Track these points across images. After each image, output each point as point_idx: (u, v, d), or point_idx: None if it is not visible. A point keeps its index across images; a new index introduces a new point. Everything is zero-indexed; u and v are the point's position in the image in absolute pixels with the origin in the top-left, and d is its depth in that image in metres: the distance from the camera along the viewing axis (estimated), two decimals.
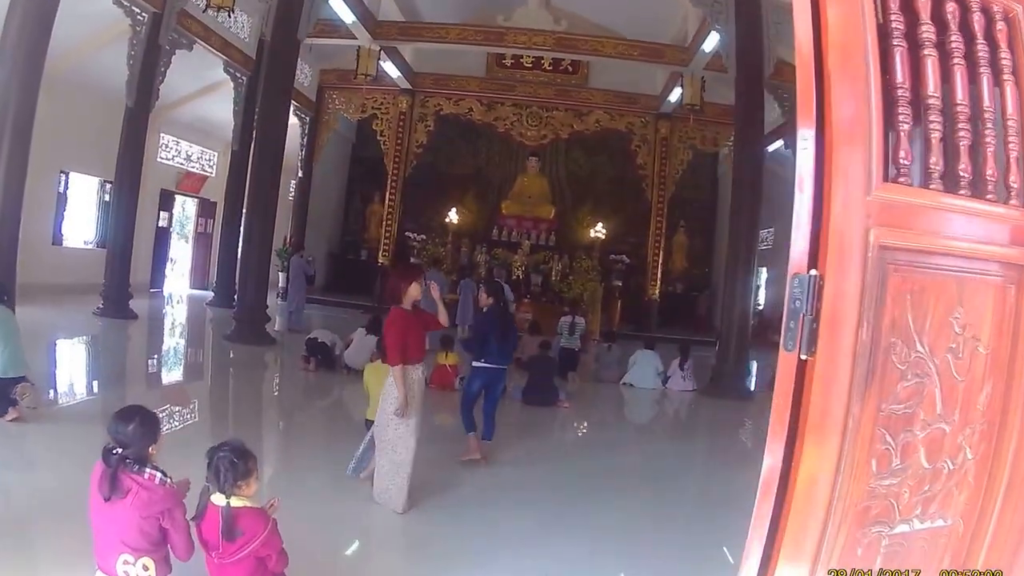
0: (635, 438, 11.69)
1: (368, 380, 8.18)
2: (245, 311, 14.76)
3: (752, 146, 15.02)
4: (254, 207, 15.12)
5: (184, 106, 20.71)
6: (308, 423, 10.05)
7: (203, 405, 9.97)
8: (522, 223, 25.96)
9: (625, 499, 7.45)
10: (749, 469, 3.00)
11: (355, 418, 8.97)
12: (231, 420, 9.32)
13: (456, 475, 7.42)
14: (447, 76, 24.64)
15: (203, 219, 24.10)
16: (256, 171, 15.08)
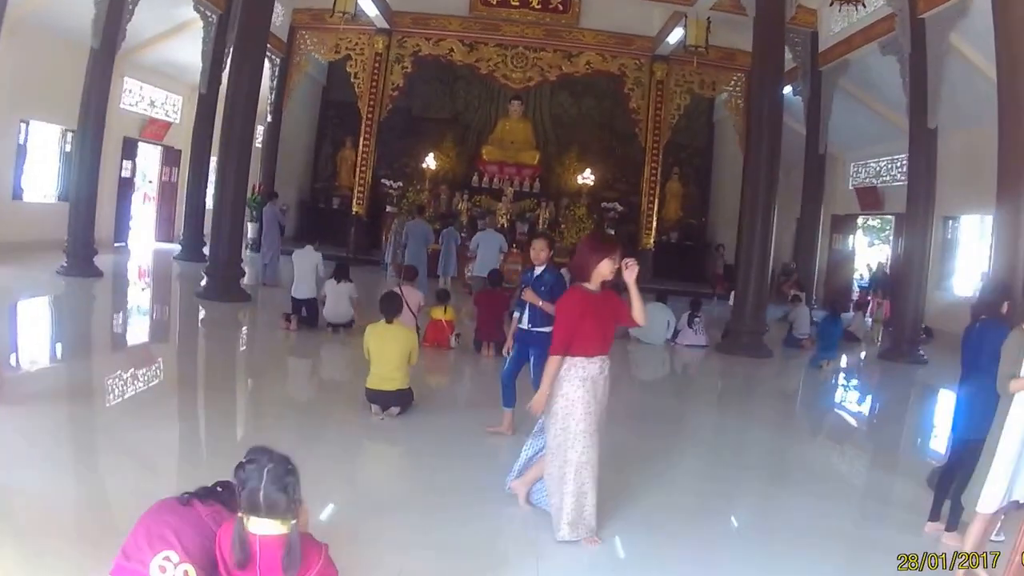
0: (679, 406, 10.72)
1: (369, 342, 7.53)
2: (218, 266, 13.88)
3: (771, 90, 14.44)
4: (227, 153, 14.07)
5: (149, 48, 19.48)
6: (300, 394, 9.10)
7: (178, 373, 9.13)
8: (504, 169, 25.17)
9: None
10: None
11: (355, 388, 8.15)
12: (210, 391, 8.40)
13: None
14: (427, 15, 23.45)
15: (167, 168, 22.89)
16: (229, 115, 14.03)
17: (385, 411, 7.46)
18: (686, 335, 14.33)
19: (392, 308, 7.69)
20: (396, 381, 7.46)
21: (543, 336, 7.05)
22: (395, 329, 7.61)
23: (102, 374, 8.30)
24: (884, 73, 17.86)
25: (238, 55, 14.15)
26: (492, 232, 15.34)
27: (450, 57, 24.00)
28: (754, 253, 14.15)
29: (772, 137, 14.16)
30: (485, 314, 11.46)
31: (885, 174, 22.39)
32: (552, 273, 7.19)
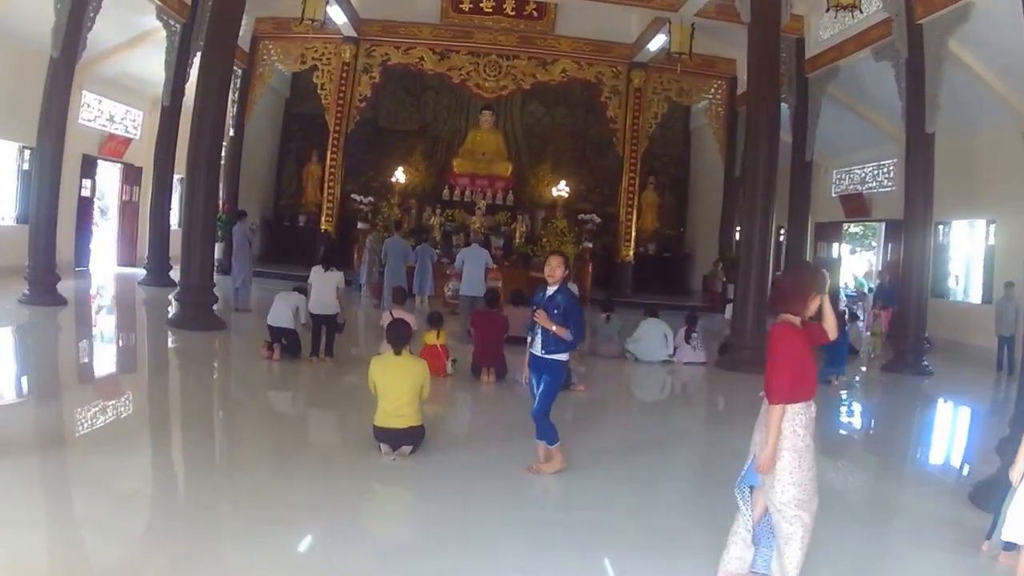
0: (696, 428, 10.45)
1: (376, 376, 6.97)
2: (189, 292, 13.15)
3: (768, 98, 14.12)
4: (195, 169, 13.30)
5: (108, 60, 18.73)
6: (298, 436, 8.19)
7: (155, 415, 8.29)
8: (476, 181, 24.59)
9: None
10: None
11: (358, 425, 7.59)
12: (193, 435, 7.51)
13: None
14: (396, 23, 22.93)
15: (127, 187, 22.04)
16: (197, 127, 13.29)
17: (396, 451, 6.88)
18: (684, 352, 13.87)
19: (402, 338, 7.12)
20: (408, 417, 6.89)
21: (557, 365, 6.73)
22: (405, 361, 7.06)
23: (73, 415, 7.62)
24: (875, 79, 17.79)
25: (206, 64, 13.44)
26: (477, 248, 14.72)
27: (420, 66, 23.49)
28: (753, 265, 13.80)
29: (770, 145, 13.87)
30: (483, 337, 10.91)
31: (871, 180, 22.25)
32: (566, 294, 6.70)
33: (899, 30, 14.81)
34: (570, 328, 6.56)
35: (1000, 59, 14.94)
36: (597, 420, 9.59)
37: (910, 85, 14.74)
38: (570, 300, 6.67)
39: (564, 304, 6.59)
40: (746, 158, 14.37)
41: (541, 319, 6.54)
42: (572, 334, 6.58)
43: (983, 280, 17.77)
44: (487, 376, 10.71)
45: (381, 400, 6.91)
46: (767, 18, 13.97)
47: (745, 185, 14.27)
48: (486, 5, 23.00)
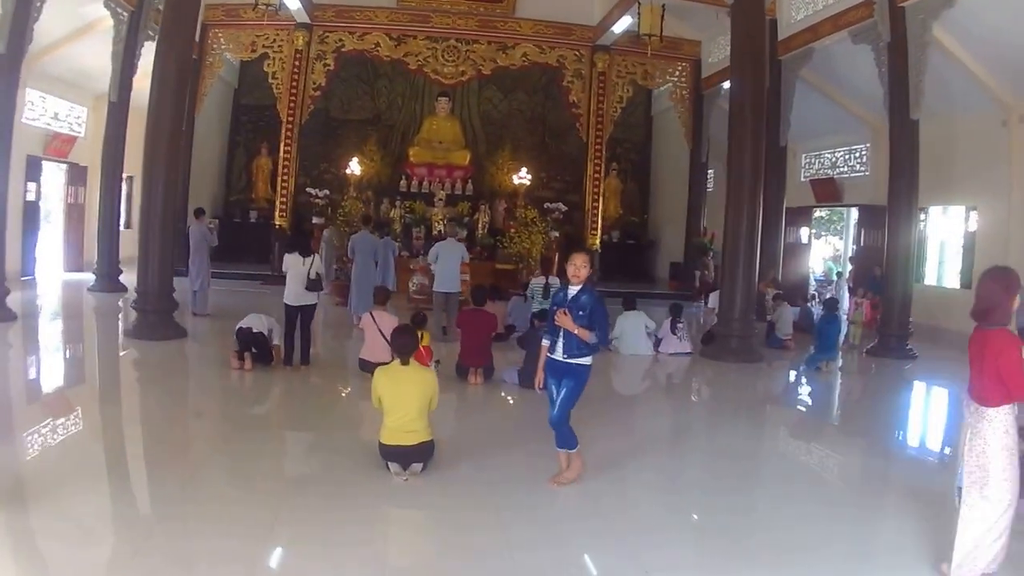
0: (703, 422, 10.10)
1: (382, 389, 6.48)
2: (148, 298, 12.32)
3: (754, 81, 13.82)
4: (152, 166, 12.49)
5: (51, 53, 17.69)
6: (292, 457, 7.47)
7: (127, 440, 7.56)
8: (434, 171, 24.02)
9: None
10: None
11: (356, 443, 7.25)
12: (172, 460, 6.81)
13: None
14: (351, 7, 22.15)
15: (73, 188, 21.01)
16: (155, 119, 12.46)
17: (407, 470, 6.42)
18: (670, 342, 13.67)
19: (408, 346, 6.62)
20: (418, 433, 6.43)
21: (581, 369, 6.34)
22: (413, 371, 6.58)
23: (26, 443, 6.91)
24: (849, 62, 17.66)
25: (162, 53, 12.59)
26: (453, 242, 14.14)
27: (376, 52, 22.73)
28: (740, 252, 13.61)
29: (756, 128, 13.66)
30: (470, 337, 10.44)
31: (842, 165, 22.14)
32: (591, 294, 6.31)
33: (881, 12, 14.68)
34: (595, 330, 6.21)
35: (982, 44, 14.84)
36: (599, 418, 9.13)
37: (893, 70, 14.61)
38: (596, 301, 6.29)
39: (590, 305, 6.23)
40: (731, 143, 13.96)
41: (565, 322, 6.16)
42: (597, 336, 6.25)
43: (962, 266, 17.77)
44: (475, 377, 10.31)
45: (388, 415, 6.43)
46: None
47: (730, 171, 13.95)
48: None
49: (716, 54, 22.74)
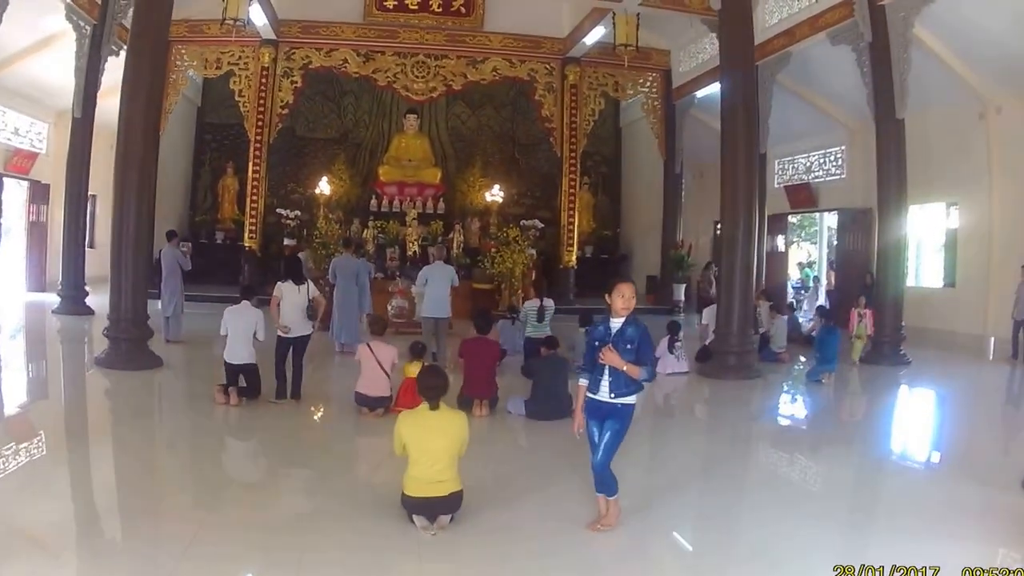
0: (723, 447, 9.32)
1: (407, 436, 5.72)
2: (121, 325, 11.40)
3: (745, 84, 13.47)
4: (125, 183, 11.53)
5: (10, 67, 16.85)
6: (296, 508, 6.30)
7: (101, 485, 6.68)
8: (404, 190, 23.25)
9: None
10: None
11: (367, 489, 6.57)
12: (159, 513, 5.94)
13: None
14: (317, 23, 21.28)
15: (34, 206, 20.02)
16: (126, 134, 11.53)
17: (435, 523, 5.66)
18: (667, 362, 12.93)
19: (439, 388, 5.86)
20: (448, 483, 5.68)
21: (627, 409, 5.65)
22: (444, 417, 5.81)
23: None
24: (824, 65, 17.42)
25: (133, 63, 11.70)
26: (442, 265, 13.23)
27: (344, 69, 21.88)
28: (737, 265, 13.02)
29: (749, 134, 13.27)
30: (474, 366, 9.62)
31: (817, 169, 21.86)
32: (638, 327, 5.59)
33: (861, 12, 14.46)
34: (645, 365, 5.53)
35: (958, 37, 14.72)
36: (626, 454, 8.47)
37: (876, 70, 14.41)
38: (644, 334, 5.58)
39: (638, 339, 5.52)
40: (724, 151, 13.41)
41: (612, 359, 5.45)
42: (646, 372, 5.55)
43: (944, 264, 17.63)
44: (480, 409, 9.47)
45: (414, 466, 5.67)
46: (739, 3, 13.35)
47: (724, 180, 13.35)
48: (411, 2, 21.55)
49: (687, 63, 22.33)
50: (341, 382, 11.76)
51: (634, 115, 26.05)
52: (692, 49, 21.99)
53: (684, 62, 22.43)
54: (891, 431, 10.40)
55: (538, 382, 9.52)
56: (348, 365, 12.88)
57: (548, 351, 10.02)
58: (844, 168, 20.99)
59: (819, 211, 23.08)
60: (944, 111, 16.30)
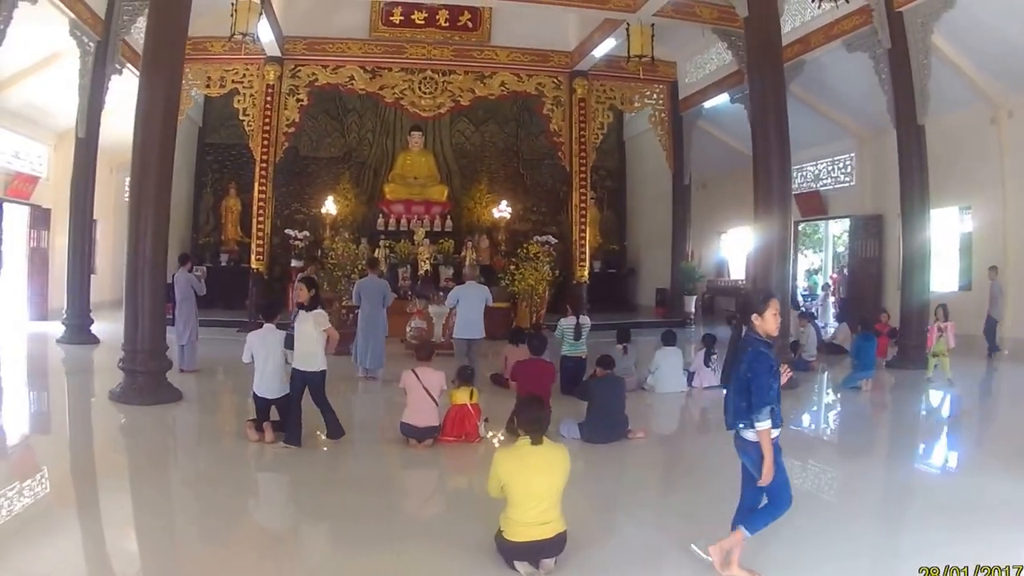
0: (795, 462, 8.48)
1: (507, 475, 5.00)
2: (138, 357, 10.37)
3: (775, 89, 12.75)
4: (140, 205, 10.65)
5: (10, 87, 15.95)
6: (385, 561, 5.32)
7: (149, 548, 5.56)
8: (412, 208, 22.60)
9: None
10: None
11: (465, 536, 5.60)
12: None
13: None
14: (322, 40, 20.44)
15: (35, 231, 19.07)
16: (141, 152, 10.65)
17: (539, 568, 4.94)
18: (704, 376, 12.30)
19: (543, 421, 5.16)
20: (553, 524, 4.97)
21: (754, 448, 4.86)
22: (547, 452, 5.12)
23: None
24: (837, 72, 17.10)
25: (148, 80, 10.86)
26: (474, 285, 12.40)
27: (351, 86, 21.05)
28: (772, 270, 12.38)
29: (781, 141, 12.53)
30: (529, 389, 8.79)
31: (826, 176, 21.37)
32: (758, 346, 4.85)
33: (880, 19, 14.16)
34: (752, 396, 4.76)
35: (970, 42, 14.54)
36: (696, 477, 7.67)
37: (896, 76, 14.17)
38: (756, 356, 4.81)
39: (751, 360, 4.80)
40: (756, 159, 12.85)
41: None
42: (753, 400, 4.75)
43: (960, 267, 17.33)
44: None
45: (516, 507, 4.94)
46: (765, 10, 12.73)
47: (758, 189, 12.70)
48: (418, 17, 20.80)
49: (693, 75, 21.74)
50: (369, 409, 11.23)
51: (637, 128, 25.55)
52: (699, 60, 21.44)
53: (691, 73, 21.86)
54: (949, 434, 10.02)
55: (593, 404, 8.74)
56: (372, 391, 12.19)
57: (604, 372, 9.20)
58: (853, 175, 20.67)
59: (829, 218, 22.59)
60: (956, 116, 15.95)
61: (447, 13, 20.85)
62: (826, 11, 15.49)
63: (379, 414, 10.75)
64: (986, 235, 16.49)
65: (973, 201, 16.81)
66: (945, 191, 16.01)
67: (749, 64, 13.46)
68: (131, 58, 16.78)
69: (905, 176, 14.37)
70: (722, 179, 24.26)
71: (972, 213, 17.03)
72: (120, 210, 22.97)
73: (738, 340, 4.94)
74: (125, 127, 17.84)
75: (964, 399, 11.91)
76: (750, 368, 4.74)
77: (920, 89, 13.97)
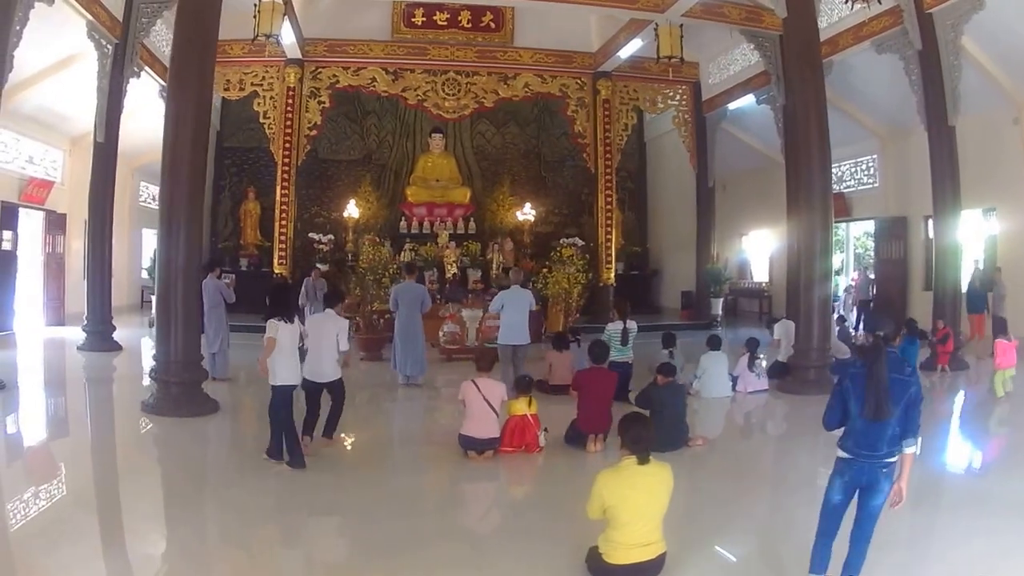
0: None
1: (612, 497, 4.55)
2: (171, 367, 9.77)
3: (816, 89, 12.32)
4: (172, 205, 10.05)
5: (25, 90, 15.34)
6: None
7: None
8: (434, 211, 22.10)
9: None
10: None
11: (555, 556, 5.11)
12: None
13: None
14: (343, 41, 19.99)
15: (50, 236, 18.56)
16: (174, 159, 10.04)
17: None
18: (748, 380, 11.84)
19: (649, 439, 4.72)
20: (656, 544, 4.64)
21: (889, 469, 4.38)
22: (654, 471, 4.67)
23: None
24: (863, 74, 16.83)
25: (178, 77, 10.28)
26: (519, 289, 11.74)
27: (373, 87, 20.58)
28: (815, 272, 11.95)
29: (821, 141, 12.13)
30: (593, 399, 8.32)
31: (849, 178, 20.88)
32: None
33: (910, 20, 13.94)
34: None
35: (995, 43, 14.36)
36: (772, 489, 7.14)
37: (927, 77, 13.98)
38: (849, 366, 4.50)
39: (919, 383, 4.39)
40: (796, 159, 12.79)
41: None
42: (919, 422, 4.33)
43: (985, 268, 16.86)
44: (596, 444, 8.18)
45: (620, 529, 4.54)
46: (804, 9, 12.40)
47: (798, 189, 12.51)
48: (440, 18, 20.38)
49: (716, 75, 21.25)
50: (414, 418, 10.87)
51: (658, 129, 25.20)
52: (722, 61, 20.97)
53: (714, 74, 21.35)
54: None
55: (656, 411, 8.16)
56: (415, 399, 11.66)
57: (665, 379, 8.64)
58: (876, 177, 20.20)
59: (853, 220, 22.09)
60: (978, 117, 15.51)
61: (469, 14, 20.46)
62: (857, 11, 15.01)
63: (429, 423, 10.42)
64: (1012, 236, 16.26)
65: (997, 203, 16.54)
66: (969, 193, 15.54)
67: (788, 64, 13.39)
68: (149, 61, 16.39)
69: (937, 177, 14.12)
70: (743, 180, 23.75)
71: (997, 215, 16.79)
72: (137, 214, 22.50)
73: (882, 360, 4.33)
74: (142, 131, 17.57)
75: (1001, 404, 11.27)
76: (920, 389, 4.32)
77: (951, 90, 13.76)
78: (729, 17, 17.17)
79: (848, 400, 4.37)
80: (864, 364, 4.33)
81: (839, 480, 4.42)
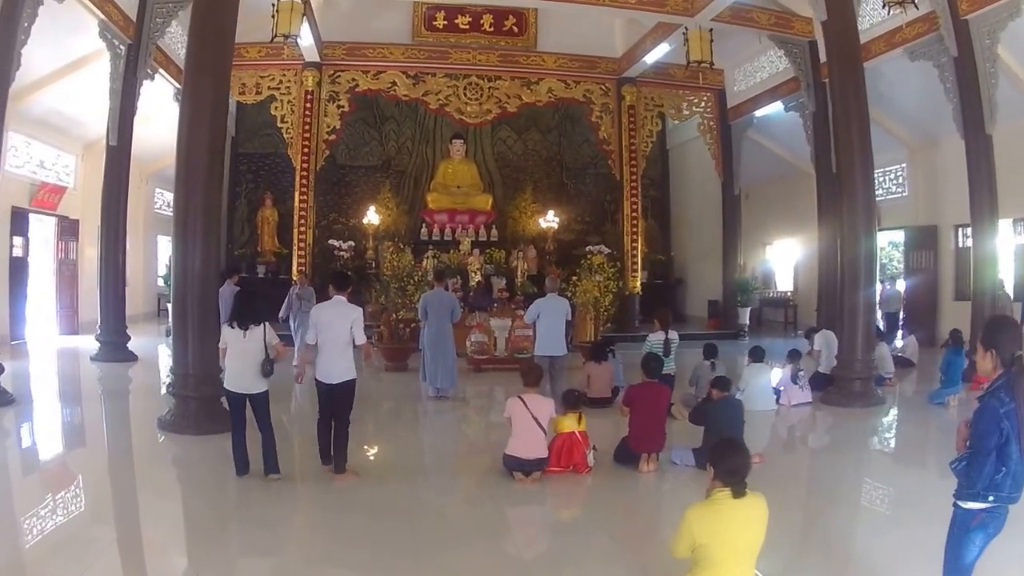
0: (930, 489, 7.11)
1: (704, 534, 3.88)
2: (190, 383, 9.11)
3: (857, 93, 11.85)
4: (187, 211, 9.40)
5: (36, 93, 14.76)
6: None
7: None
8: (455, 217, 21.65)
9: None
10: None
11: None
12: None
13: None
14: (363, 44, 19.38)
15: (63, 243, 17.97)
16: (189, 161, 9.45)
17: None
18: (792, 393, 11.29)
19: (746, 468, 4.04)
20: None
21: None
22: (751, 504, 3.99)
23: None
24: (893, 81, 16.26)
25: (194, 74, 9.72)
26: (555, 297, 11.02)
27: (393, 92, 19.93)
28: (859, 281, 11.54)
29: (863, 147, 11.66)
30: (646, 416, 7.61)
31: (878, 188, 20.04)
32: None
33: (946, 27, 13.52)
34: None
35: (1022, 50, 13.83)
36: (854, 512, 6.49)
37: (962, 85, 13.58)
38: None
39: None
40: (840, 164, 12.11)
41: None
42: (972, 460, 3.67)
43: (1015, 279, 16.37)
44: (648, 464, 7.50)
45: (713, 569, 3.88)
46: (844, 11, 11.96)
47: (845, 191, 11.80)
48: (462, 21, 19.77)
49: (742, 82, 20.63)
50: (448, 434, 10.22)
51: (681, 137, 24.64)
52: (748, 68, 20.38)
53: (739, 81, 20.74)
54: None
55: (712, 428, 7.49)
56: (446, 412, 11.03)
57: (720, 393, 7.94)
58: (905, 186, 19.55)
59: (883, 229, 21.35)
60: (1006, 126, 14.77)
61: (491, 17, 19.87)
62: (893, 16, 14.52)
63: (464, 440, 9.92)
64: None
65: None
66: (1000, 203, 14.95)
67: (829, 68, 12.56)
68: (163, 63, 15.88)
69: (974, 185, 13.66)
70: (767, 189, 23.09)
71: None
72: (151, 220, 21.92)
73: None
74: (157, 136, 16.99)
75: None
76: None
77: (988, 98, 13.35)
78: (758, 22, 16.79)
79: (1010, 443, 3.62)
80: (1012, 399, 3.61)
81: (982, 534, 3.71)
